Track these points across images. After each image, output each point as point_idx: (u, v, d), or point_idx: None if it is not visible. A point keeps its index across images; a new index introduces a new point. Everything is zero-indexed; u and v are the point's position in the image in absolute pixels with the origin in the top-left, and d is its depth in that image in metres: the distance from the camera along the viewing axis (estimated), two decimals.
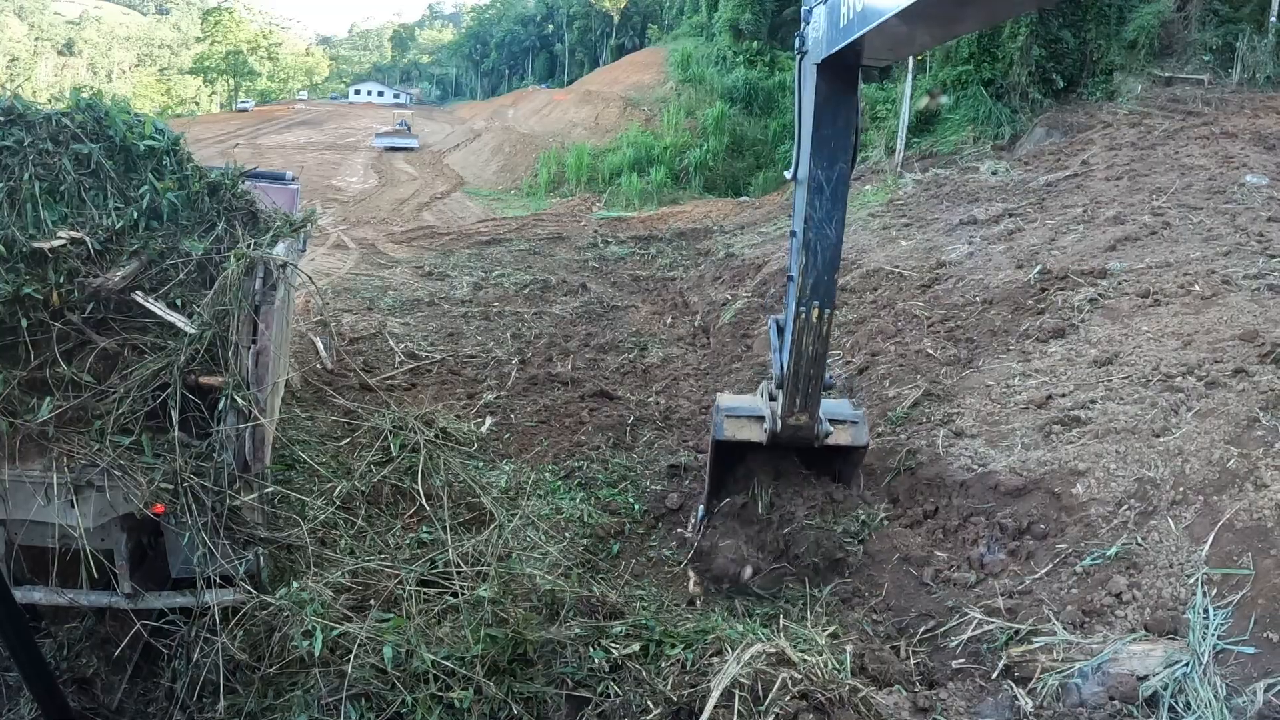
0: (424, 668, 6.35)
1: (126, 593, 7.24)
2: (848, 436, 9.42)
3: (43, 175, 7.87)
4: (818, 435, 9.13)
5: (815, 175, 8.20)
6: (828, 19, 7.19)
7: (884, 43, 6.90)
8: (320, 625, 6.64)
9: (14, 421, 7.00)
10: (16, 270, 7.33)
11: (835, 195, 8.26)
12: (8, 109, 8.28)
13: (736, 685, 6.00)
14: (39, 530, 7.19)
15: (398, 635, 6.61)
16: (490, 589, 7.30)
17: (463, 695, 6.21)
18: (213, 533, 6.99)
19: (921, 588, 8.18)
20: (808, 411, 8.97)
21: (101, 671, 7.53)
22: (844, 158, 8.24)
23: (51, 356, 7.31)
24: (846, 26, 6.61)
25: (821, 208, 8.26)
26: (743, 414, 9.42)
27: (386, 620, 6.85)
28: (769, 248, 22.63)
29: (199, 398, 7.23)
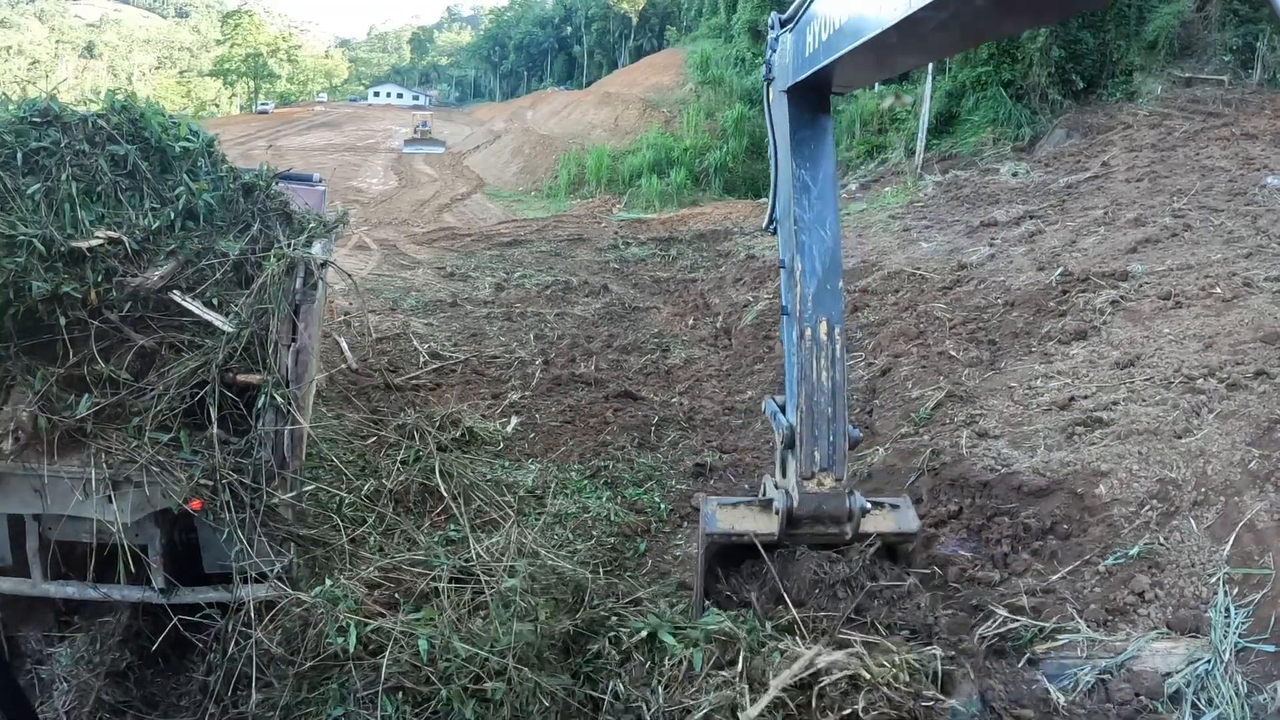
0: (456, 663, 6.42)
1: (160, 587, 7.37)
2: (891, 522, 7.28)
3: (79, 176, 7.99)
4: (851, 513, 7.00)
5: (800, 175, 7.31)
6: (794, 47, 6.94)
7: (852, 72, 6.67)
8: (354, 621, 6.72)
9: (52, 418, 7.13)
10: (55, 269, 7.44)
11: (824, 195, 7.25)
12: (44, 110, 8.41)
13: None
14: (73, 525, 7.34)
15: (431, 629, 6.68)
16: (519, 582, 7.39)
17: (495, 687, 6.28)
18: (250, 529, 7.10)
19: (946, 586, 8.23)
20: (833, 472, 6.95)
21: (135, 665, 7.69)
22: (827, 160, 7.39)
23: (89, 354, 7.45)
24: (812, 56, 6.46)
25: (811, 208, 7.26)
26: (742, 504, 7.35)
27: (419, 615, 6.92)
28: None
29: (236, 395, 7.35)
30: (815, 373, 7.01)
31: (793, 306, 7.20)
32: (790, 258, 7.27)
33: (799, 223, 7.20)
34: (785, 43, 7.14)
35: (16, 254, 7.37)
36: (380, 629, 6.68)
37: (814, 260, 7.12)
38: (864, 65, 6.24)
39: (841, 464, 6.96)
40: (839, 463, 6.94)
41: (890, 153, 36.31)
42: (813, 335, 7.00)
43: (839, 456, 6.94)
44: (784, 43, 7.18)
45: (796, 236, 7.18)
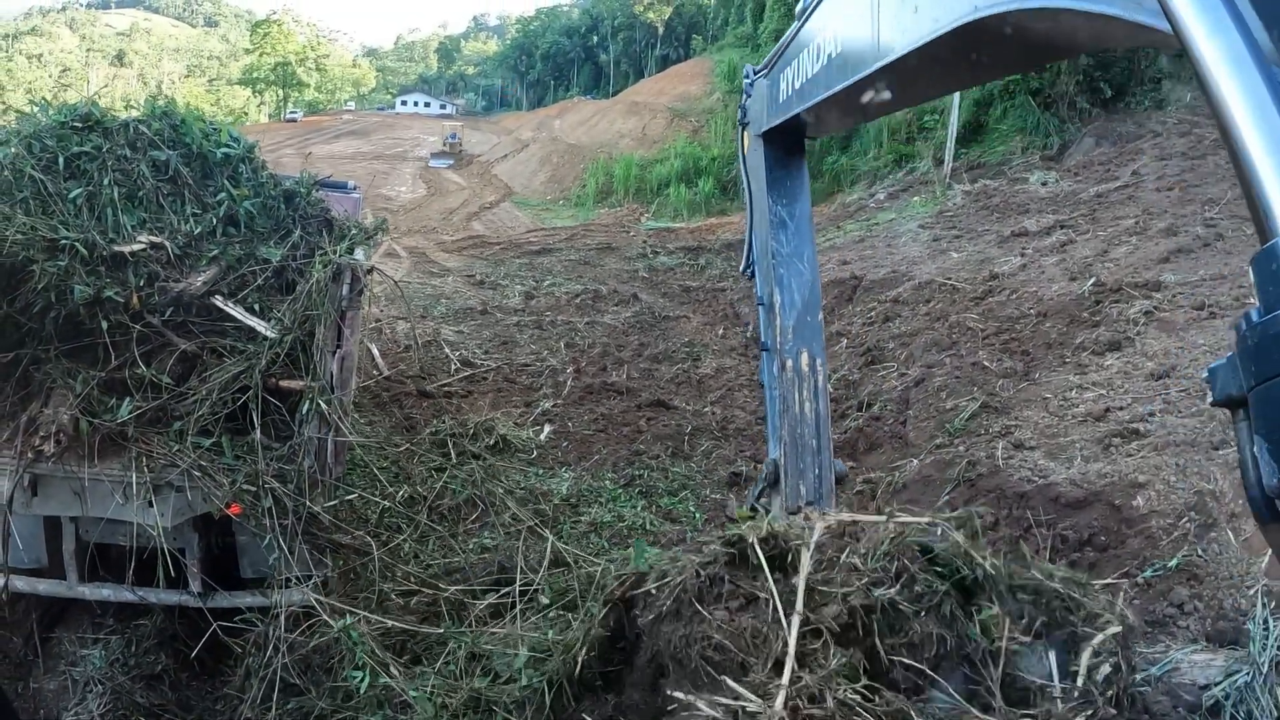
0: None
1: (198, 591, 7.43)
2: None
3: (121, 181, 8.06)
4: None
5: (776, 212, 7.10)
6: (769, 93, 6.83)
7: (827, 119, 6.58)
8: (369, 667, 6.79)
9: (94, 421, 7.19)
10: (97, 273, 7.52)
11: (800, 230, 7.05)
12: (85, 115, 8.50)
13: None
14: (110, 528, 7.39)
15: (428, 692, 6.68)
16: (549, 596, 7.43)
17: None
18: (291, 536, 7.12)
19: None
20: (820, 506, 6.29)
21: (170, 668, 7.73)
22: (803, 198, 7.17)
23: (131, 358, 7.51)
24: (786, 102, 6.41)
25: (788, 242, 7.00)
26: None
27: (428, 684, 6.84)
28: (819, 258, 22.62)
29: (279, 401, 7.40)
30: (798, 404, 6.69)
31: (772, 342, 6.98)
32: (768, 294, 7.06)
33: (776, 257, 7.02)
34: (760, 88, 7.12)
35: (59, 257, 7.45)
36: (388, 686, 6.71)
37: (793, 293, 6.91)
38: (835, 113, 6.18)
39: (829, 498, 6.52)
40: (825, 496, 6.49)
41: (918, 162, 36.18)
42: (794, 367, 6.73)
43: (825, 490, 6.50)
44: (758, 88, 7.16)
45: (775, 270, 7.00)
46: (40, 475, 7.16)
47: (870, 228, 27.14)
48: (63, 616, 8.25)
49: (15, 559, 7.45)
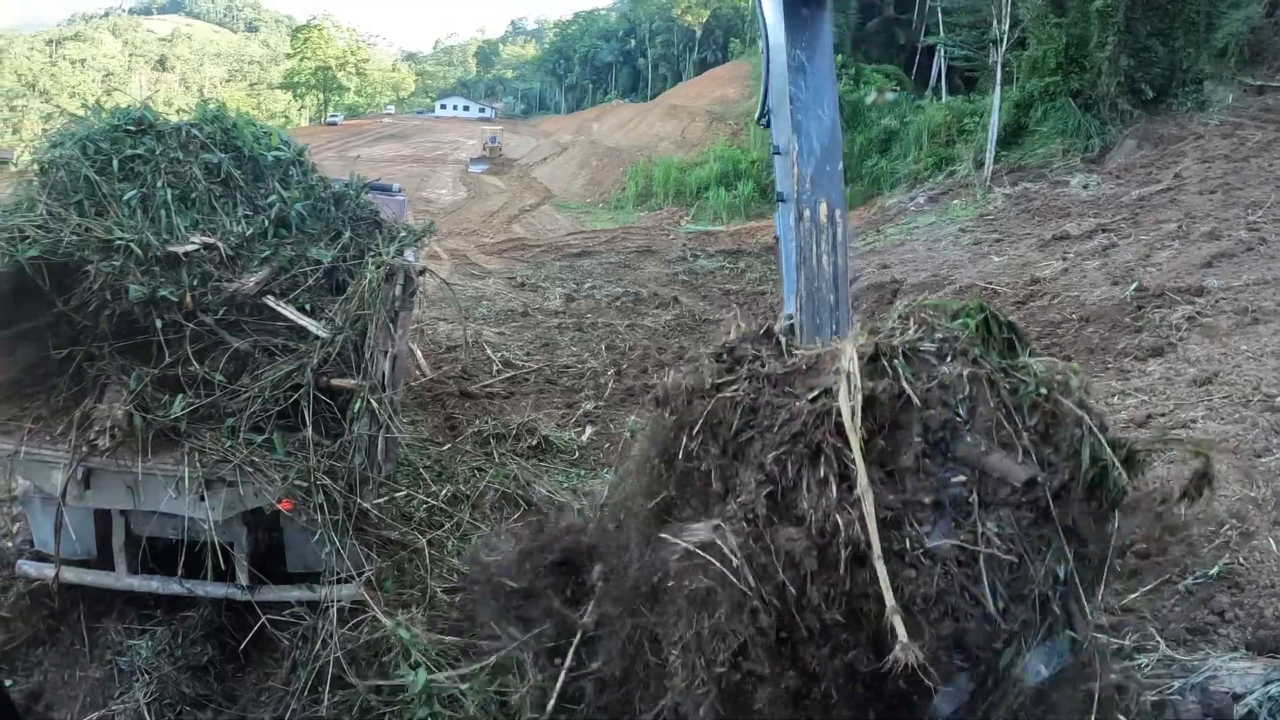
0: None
1: (245, 584, 7.58)
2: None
3: (174, 183, 8.23)
4: None
5: (795, 56, 6.72)
6: None
7: None
8: (423, 666, 6.90)
9: (147, 417, 7.32)
10: (152, 273, 7.69)
11: (820, 75, 6.71)
12: (138, 119, 8.66)
13: None
14: (159, 521, 7.54)
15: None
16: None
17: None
18: (342, 532, 7.20)
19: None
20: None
21: (216, 660, 7.85)
22: (824, 42, 6.83)
23: (184, 355, 7.67)
24: None
25: (807, 88, 6.67)
26: None
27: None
28: (858, 262, 22.41)
29: (329, 399, 7.50)
30: (815, 256, 6.48)
31: (789, 191, 6.70)
32: (785, 141, 6.76)
33: (795, 102, 6.71)
34: None
35: (113, 257, 7.62)
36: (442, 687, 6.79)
37: (811, 140, 6.64)
38: None
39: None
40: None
41: (958, 165, 35.99)
42: (811, 218, 6.48)
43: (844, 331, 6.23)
44: None
45: (793, 117, 6.69)
46: (93, 469, 7.29)
47: (910, 231, 27.03)
48: (110, 607, 8.35)
49: (66, 550, 7.64)
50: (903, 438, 5.04)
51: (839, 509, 4.75)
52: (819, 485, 4.88)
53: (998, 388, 5.22)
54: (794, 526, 4.85)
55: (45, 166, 8.44)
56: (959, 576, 4.64)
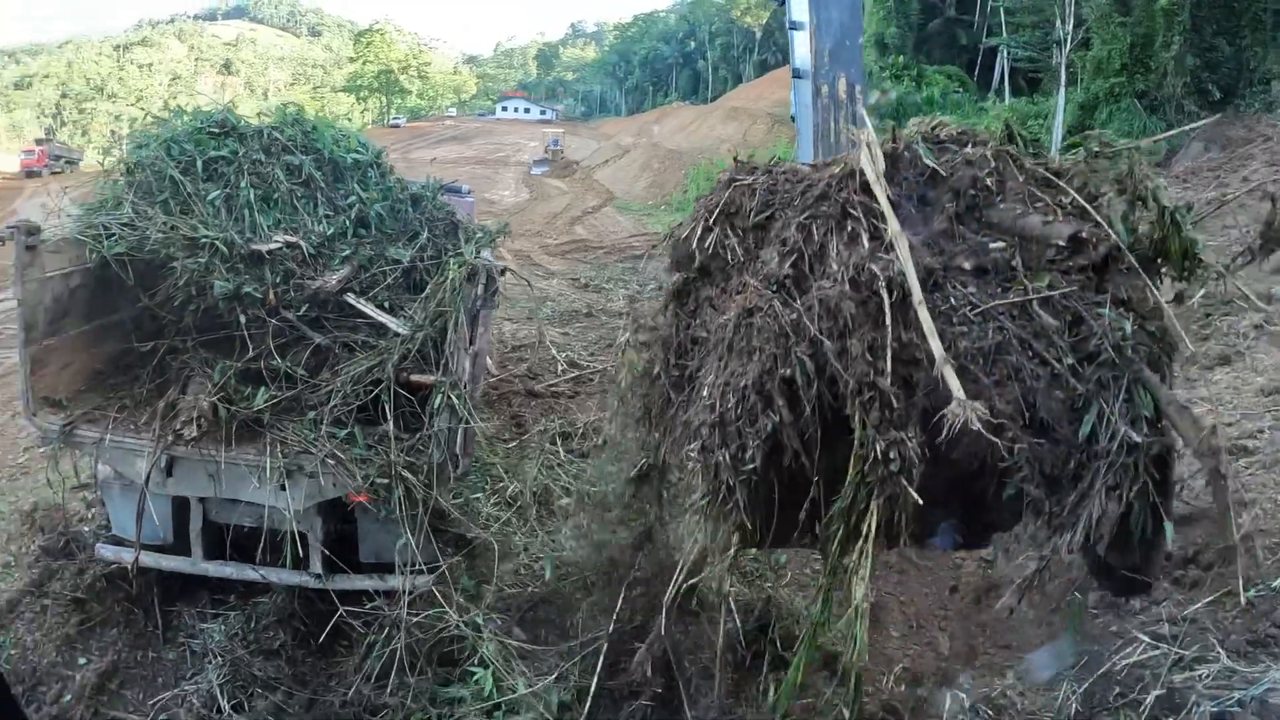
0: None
1: (317, 573, 7.77)
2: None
3: (257, 183, 8.49)
4: None
5: None
6: None
7: None
8: (492, 667, 7.03)
9: (231, 408, 7.55)
10: (237, 270, 7.95)
11: None
12: (221, 121, 8.92)
13: None
14: (235, 509, 7.81)
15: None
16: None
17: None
18: (419, 524, 7.35)
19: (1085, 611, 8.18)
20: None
21: (288, 644, 8.08)
22: None
23: (266, 350, 7.92)
24: None
25: None
26: None
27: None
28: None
29: (409, 395, 7.64)
30: (833, 133, 6.57)
31: (807, 66, 6.58)
32: (804, 15, 6.57)
33: None
34: None
35: (199, 255, 7.87)
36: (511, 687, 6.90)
37: (831, 13, 6.45)
38: None
39: None
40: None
41: None
42: (830, 93, 6.42)
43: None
44: None
45: None
46: (176, 457, 7.52)
47: None
48: (183, 591, 8.66)
49: (145, 535, 7.87)
50: (932, 208, 5.01)
51: (872, 259, 4.67)
52: (848, 243, 4.83)
53: (1025, 166, 5.23)
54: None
55: (131, 167, 8.72)
56: (1015, 331, 4.51)
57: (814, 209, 4.99)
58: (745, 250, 5.16)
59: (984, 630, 8.28)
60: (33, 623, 8.52)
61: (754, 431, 4.50)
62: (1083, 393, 4.37)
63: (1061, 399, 4.37)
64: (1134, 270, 4.78)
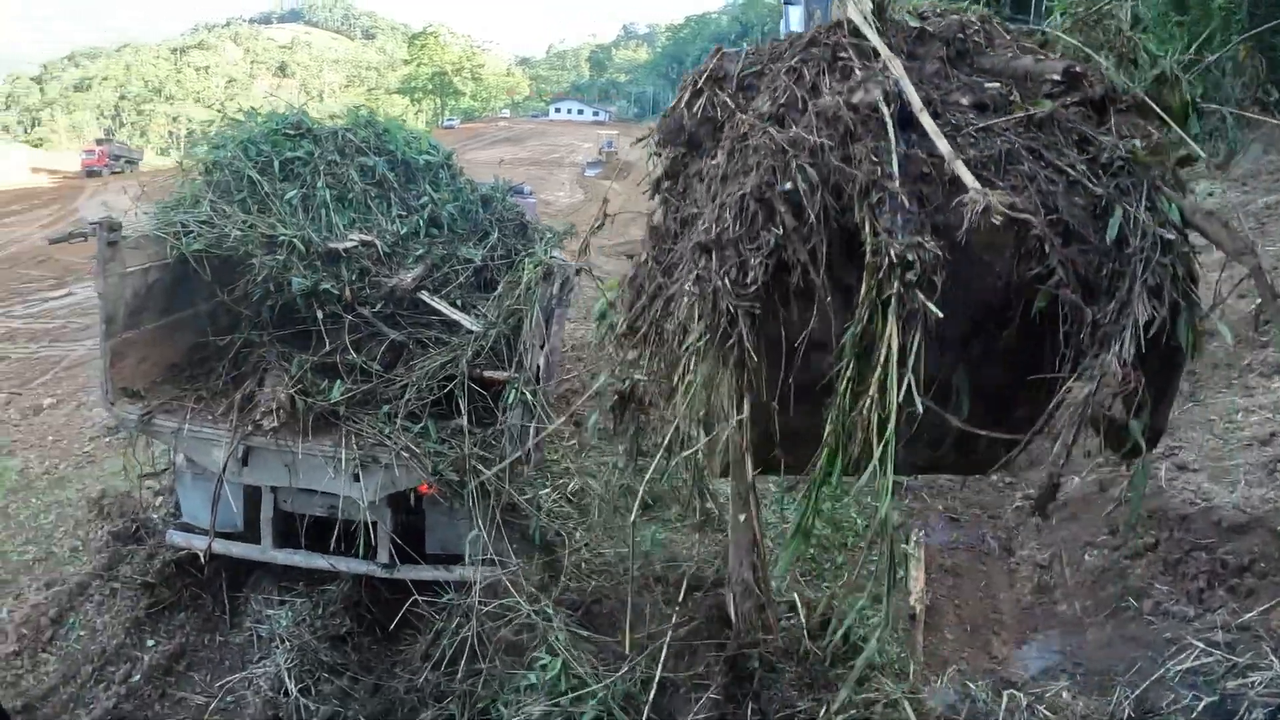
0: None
1: (384, 563, 7.96)
2: None
3: (332, 184, 8.74)
4: None
5: None
6: None
7: None
8: (562, 661, 7.08)
9: (308, 400, 7.76)
10: (314, 267, 8.20)
11: None
12: (296, 123, 9.18)
13: None
14: (305, 498, 8.06)
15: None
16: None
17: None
18: (491, 518, 7.51)
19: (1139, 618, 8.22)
20: None
21: (354, 631, 8.30)
22: None
23: (342, 345, 8.17)
24: None
25: None
26: None
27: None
28: None
29: (482, 390, 7.80)
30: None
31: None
32: None
33: None
34: None
35: (277, 252, 8.12)
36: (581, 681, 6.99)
37: None
38: None
39: None
40: None
41: None
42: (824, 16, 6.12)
43: None
44: None
45: None
46: (253, 447, 7.74)
47: None
48: (249, 578, 8.92)
49: (217, 522, 8.10)
50: (923, 60, 4.85)
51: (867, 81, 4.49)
52: (841, 78, 4.64)
53: (1009, 29, 5.17)
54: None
55: (209, 166, 8.99)
56: (1024, 142, 4.32)
57: (804, 54, 4.86)
58: (736, 105, 4.90)
59: (1038, 632, 8.35)
60: (102, 605, 8.86)
61: (755, 248, 4.23)
62: (1104, 195, 4.20)
63: (1082, 204, 4.21)
64: (1133, 109, 4.67)
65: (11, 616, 8.75)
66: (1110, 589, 8.58)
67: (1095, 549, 8.98)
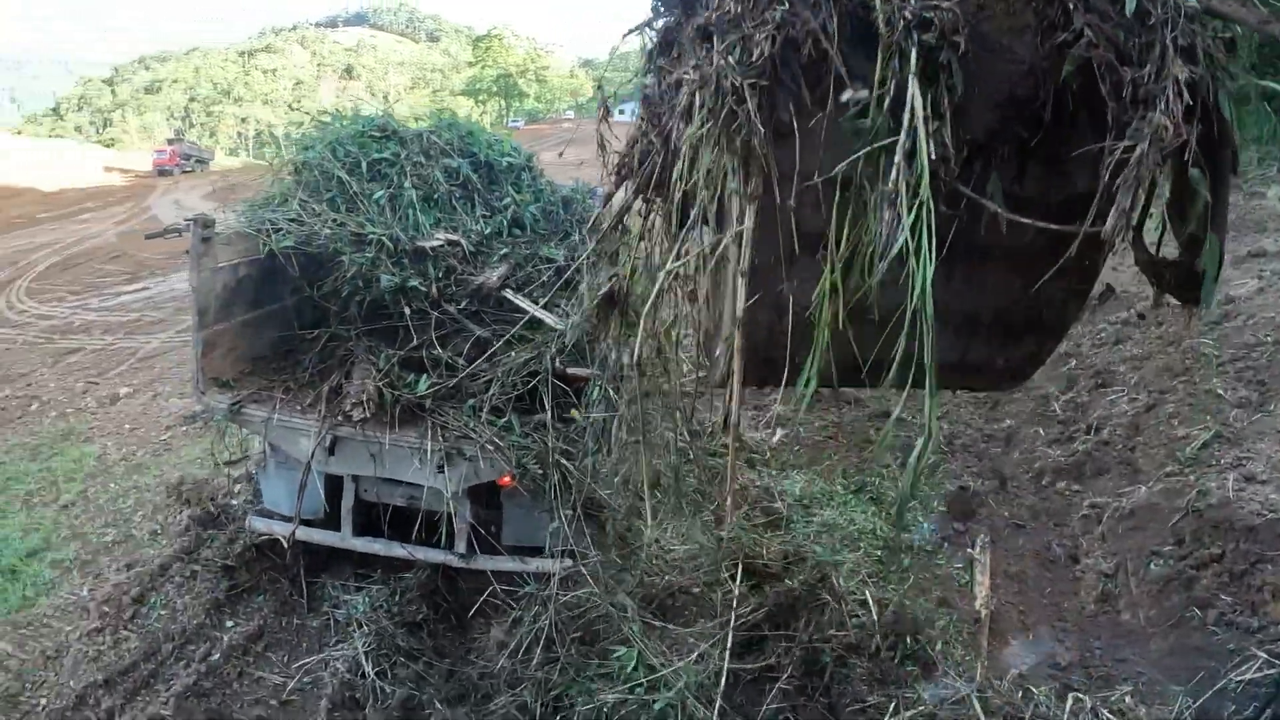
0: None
1: (461, 553, 8.18)
2: None
3: (418, 185, 8.97)
4: None
5: None
6: None
7: None
8: (638, 650, 7.24)
9: (395, 393, 8.01)
10: (402, 265, 8.45)
11: None
12: (382, 126, 9.45)
13: None
14: (387, 488, 8.34)
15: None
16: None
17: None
18: (571, 511, 7.65)
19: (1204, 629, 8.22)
20: None
21: (430, 618, 8.55)
22: None
23: (428, 340, 8.40)
24: None
25: None
26: None
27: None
28: None
29: (565, 386, 7.99)
30: None
31: None
32: None
33: None
34: None
35: (366, 250, 8.38)
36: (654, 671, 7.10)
37: None
38: None
39: None
40: None
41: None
42: None
43: None
44: None
45: None
46: (340, 437, 7.99)
47: None
48: (326, 564, 9.21)
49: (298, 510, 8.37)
50: None
51: None
52: None
53: None
54: None
55: (298, 167, 9.30)
56: None
57: None
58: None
59: (1100, 640, 8.39)
60: (182, 586, 9.14)
61: (759, 23, 3.96)
62: None
63: None
64: None
65: (93, 595, 9.08)
66: (1174, 599, 8.50)
67: (1160, 559, 8.84)
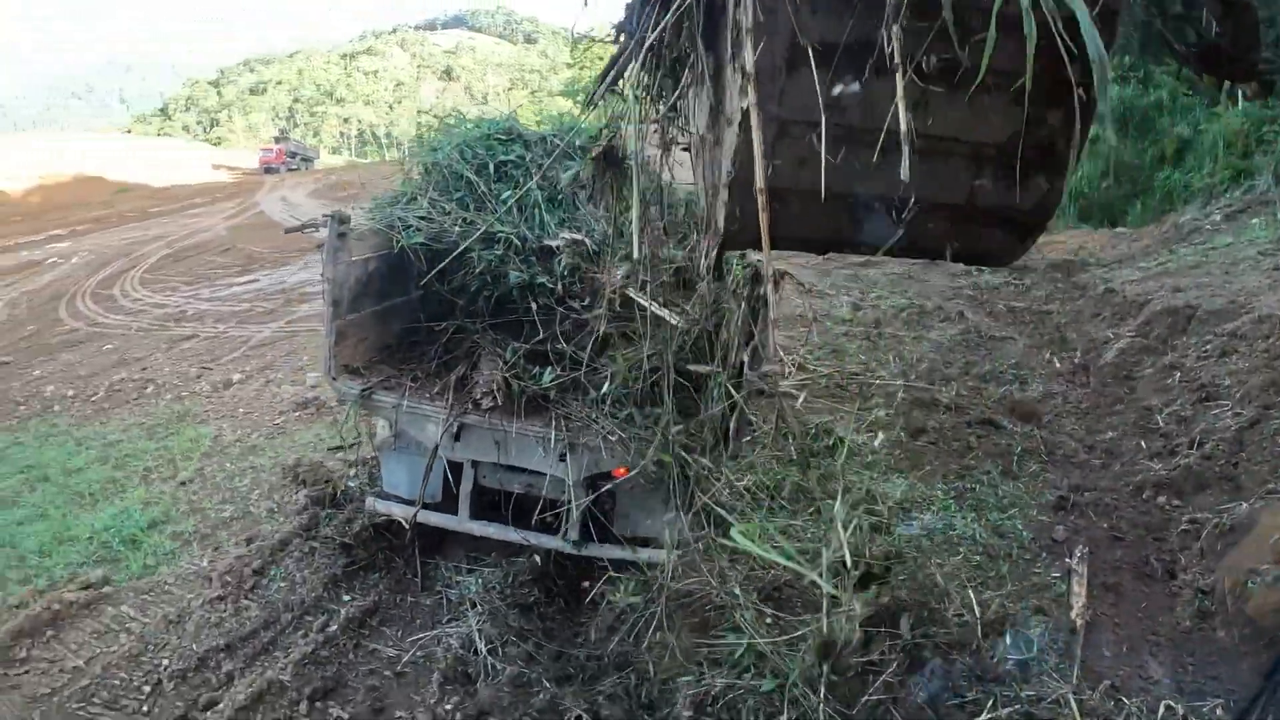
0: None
1: (574, 540, 8.45)
2: None
3: (542, 185, 9.33)
4: None
5: None
6: None
7: None
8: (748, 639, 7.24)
9: (520, 384, 8.42)
10: (529, 262, 8.89)
11: None
12: (507, 129, 9.87)
13: None
14: (505, 475, 8.70)
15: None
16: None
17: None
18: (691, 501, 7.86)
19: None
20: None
21: (540, 601, 8.95)
22: None
23: (553, 334, 8.79)
24: None
25: None
26: None
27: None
28: (1150, 284, 21.33)
29: (686, 381, 8.21)
30: None
31: None
32: None
33: None
34: None
35: (495, 247, 8.83)
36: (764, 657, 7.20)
37: None
38: None
39: None
40: None
41: (1257, 179, 32.58)
42: None
43: None
44: None
45: None
46: (466, 425, 8.39)
47: (1206, 253, 24.85)
48: (440, 546, 9.67)
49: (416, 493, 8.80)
50: None
51: None
52: None
53: None
54: None
55: (428, 168, 9.78)
56: None
57: None
58: None
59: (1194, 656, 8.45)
60: (301, 561, 9.67)
61: None
62: None
63: None
64: None
65: (214, 566, 9.63)
66: (1271, 619, 8.58)
67: (1259, 577, 8.67)
